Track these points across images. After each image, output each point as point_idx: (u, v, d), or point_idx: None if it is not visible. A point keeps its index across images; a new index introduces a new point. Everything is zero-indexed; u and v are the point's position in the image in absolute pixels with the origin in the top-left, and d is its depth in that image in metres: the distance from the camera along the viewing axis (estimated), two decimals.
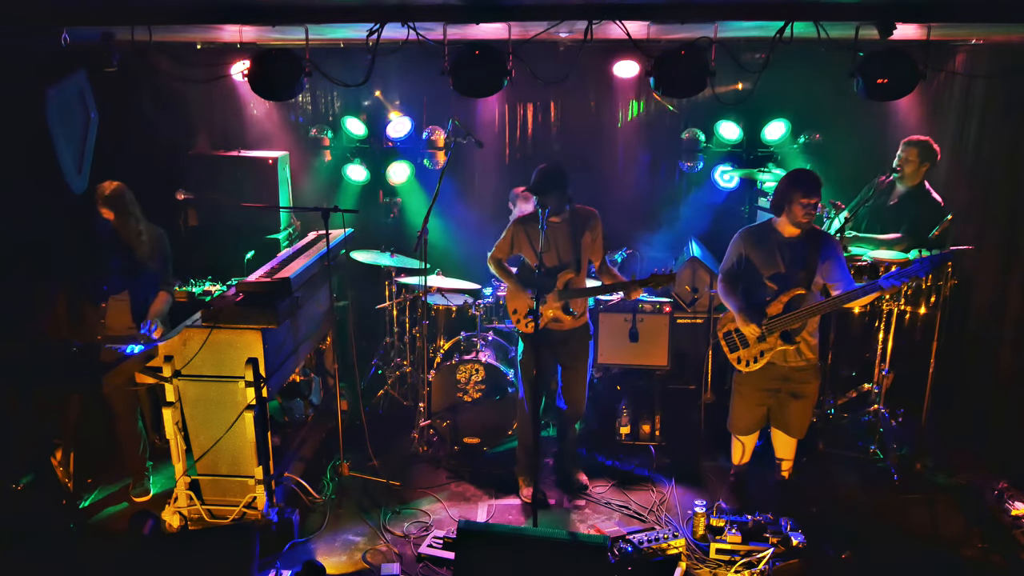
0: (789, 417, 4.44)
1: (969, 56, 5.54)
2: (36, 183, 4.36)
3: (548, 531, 3.92)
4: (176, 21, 4.08)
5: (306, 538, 4.35)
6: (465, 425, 5.30)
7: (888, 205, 5.29)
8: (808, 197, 4.07)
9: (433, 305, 5.84)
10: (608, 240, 4.63)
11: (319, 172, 6.75)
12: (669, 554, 4.09)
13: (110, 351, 4.13)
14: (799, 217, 4.12)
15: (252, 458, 4.18)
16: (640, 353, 5.60)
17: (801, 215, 4.11)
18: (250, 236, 5.75)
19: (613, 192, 6.54)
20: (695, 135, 6.42)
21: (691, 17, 3.90)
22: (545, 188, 4.30)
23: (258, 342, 4.04)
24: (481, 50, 4.01)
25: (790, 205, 4.13)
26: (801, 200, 4.08)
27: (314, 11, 4.10)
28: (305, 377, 5.52)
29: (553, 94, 6.40)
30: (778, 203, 4.21)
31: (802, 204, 4.08)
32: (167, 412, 4.12)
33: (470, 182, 6.71)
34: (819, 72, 5.85)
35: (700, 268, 5.83)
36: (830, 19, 3.81)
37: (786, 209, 4.16)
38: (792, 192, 4.12)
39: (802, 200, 4.08)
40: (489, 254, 4.70)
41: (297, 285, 4.39)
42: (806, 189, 4.08)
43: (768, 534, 4.14)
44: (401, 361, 6.06)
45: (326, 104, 6.80)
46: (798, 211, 4.11)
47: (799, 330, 4.23)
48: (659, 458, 5.23)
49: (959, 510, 4.58)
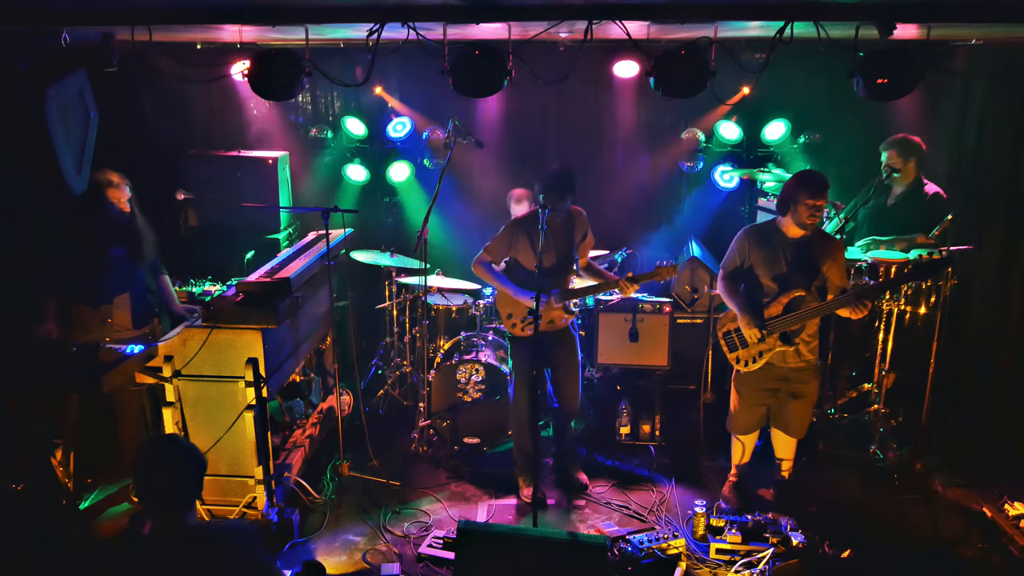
0: (789, 417, 4.45)
1: (969, 56, 5.54)
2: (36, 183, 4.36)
3: (548, 531, 3.92)
4: (176, 21, 4.08)
5: (306, 538, 4.35)
6: (465, 425, 5.30)
7: (887, 206, 5.29)
8: (814, 198, 4.07)
9: (433, 305, 5.84)
10: (601, 239, 4.64)
11: (319, 172, 6.74)
12: (669, 554, 4.09)
13: (110, 351, 4.13)
14: (804, 218, 4.12)
15: (252, 458, 4.18)
16: (640, 353, 5.59)
17: (806, 216, 4.11)
18: (250, 236, 5.75)
19: (613, 192, 6.53)
20: (695, 135, 6.42)
21: (691, 17, 3.90)
22: (562, 190, 4.31)
23: (258, 342, 4.04)
24: (481, 50, 4.01)
25: (796, 205, 4.13)
26: (807, 201, 4.08)
27: (314, 11, 4.10)
28: (305, 377, 5.52)
29: (553, 94, 6.40)
30: (784, 202, 4.21)
31: (807, 205, 4.08)
32: (167, 412, 4.13)
33: (470, 182, 6.70)
34: (819, 72, 5.86)
35: (700, 268, 5.83)
36: (830, 19, 3.81)
37: (791, 209, 4.16)
38: (799, 192, 4.12)
39: (808, 201, 4.08)
40: (476, 258, 4.63)
41: (297, 285, 4.39)
42: (812, 190, 4.08)
43: (768, 534, 4.14)
44: (401, 361, 6.06)
45: (326, 104, 6.79)
46: (803, 212, 4.11)
47: (798, 331, 4.23)
48: (659, 458, 5.23)
49: (959, 510, 4.58)
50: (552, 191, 4.30)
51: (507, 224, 4.66)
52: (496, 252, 4.63)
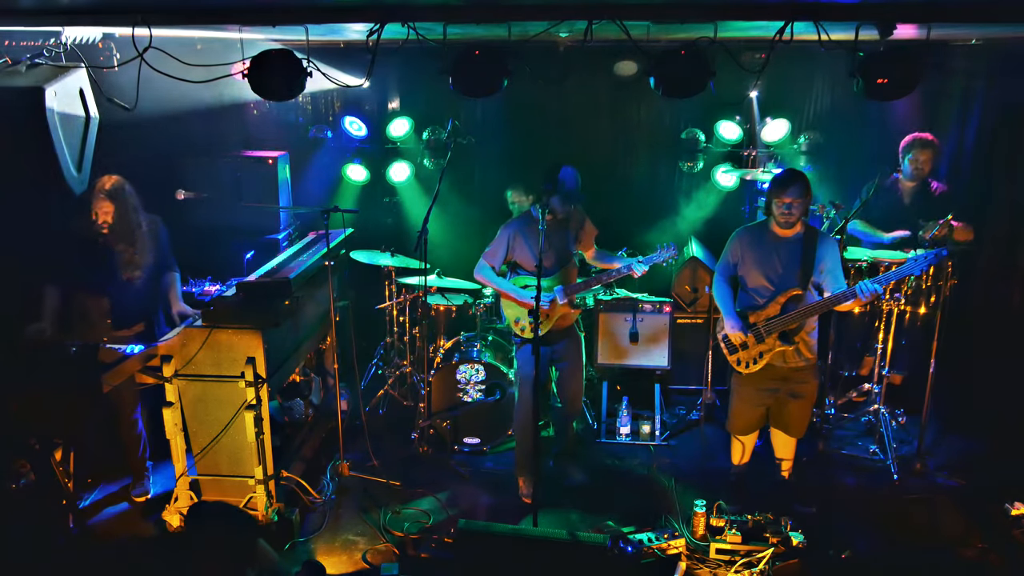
0: (788, 417, 4.44)
1: (969, 56, 5.54)
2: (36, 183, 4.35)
3: (548, 531, 3.92)
4: (176, 21, 4.08)
5: (306, 538, 4.35)
6: (465, 425, 5.30)
7: (903, 204, 5.29)
8: (780, 196, 4.09)
9: (433, 305, 5.84)
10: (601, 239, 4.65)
11: (319, 172, 6.74)
12: (669, 554, 4.09)
13: (110, 351, 4.13)
14: (777, 217, 4.16)
15: (252, 458, 4.18)
16: (640, 353, 5.60)
17: (779, 214, 4.15)
18: (250, 236, 5.75)
19: (613, 192, 6.53)
20: (695, 135, 6.42)
21: (691, 17, 3.90)
22: (562, 191, 4.31)
23: (258, 342, 4.04)
24: (481, 50, 4.01)
25: (770, 206, 4.18)
26: (775, 200, 4.13)
27: (314, 11, 4.10)
28: (305, 377, 5.52)
29: (553, 94, 6.39)
30: (766, 205, 4.25)
31: (777, 204, 4.13)
32: (167, 412, 4.13)
33: (470, 182, 6.71)
34: (819, 72, 5.86)
35: (700, 268, 5.84)
36: (830, 19, 3.81)
37: (771, 210, 4.20)
38: (770, 194, 4.18)
39: (776, 199, 4.12)
40: (476, 266, 4.65)
41: (297, 285, 4.39)
42: (779, 189, 4.11)
43: (768, 534, 4.14)
44: (401, 361, 6.06)
45: (326, 104, 6.80)
46: (776, 211, 4.16)
47: (797, 330, 4.23)
48: (659, 458, 5.23)
49: (959, 510, 4.58)
50: (559, 194, 4.30)
51: (502, 227, 4.66)
52: (494, 256, 4.63)
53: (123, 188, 4.47)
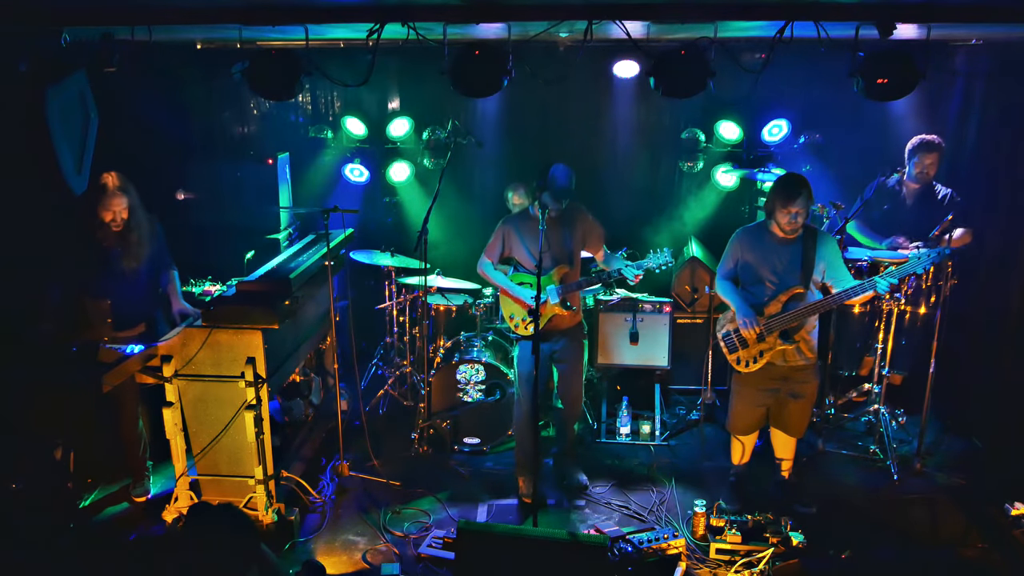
0: (788, 417, 4.45)
1: (969, 56, 5.54)
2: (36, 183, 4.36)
3: (548, 531, 3.92)
4: (176, 21, 4.08)
5: (306, 538, 4.35)
6: (465, 425, 5.30)
7: (906, 206, 5.28)
8: (787, 206, 4.07)
9: (433, 305, 5.84)
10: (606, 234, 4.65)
11: (319, 172, 6.74)
12: (669, 554, 4.09)
13: (110, 351, 4.13)
14: (784, 225, 4.14)
15: (252, 458, 4.18)
16: (640, 353, 5.60)
17: (785, 223, 4.13)
18: (250, 236, 5.74)
19: (613, 192, 6.52)
20: (695, 135, 6.42)
21: (691, 17, 3.90)
22: (559, 190, 4.31)
23: (258, 342, 4.03)
24: (481, 50, 4.01)
25: (775, 214, 4.16)
26: (782, 209, 4.10)
27: (314, 11, 4.10)
28: (305, 377, 5.52)
29: (553, 94, 6.39)
30: (767, 209, 4.24)
31: (783, 213, 4.10)
32: (167, 412, 4.12)
33: (470, 182, 6.71)
34: (819, 72, 5.85)
35: (700, 268, 5.84)
36: (830, 19, 3.81)
37: (774, 218, 4.18)
38: (774, 202, 4.15)
39: (782, 209, 4.10)
40: (480, 261, 4.70)
41: (297, 285, 4.39)
42: (785, 198, 4.08)
43: (768, 534, 4.14)
44: (401, 361, 6.06)
45: (326, 104, 6.79)
46: (782, 220, 4.13)
47: (797, 328, 4.23)
48: (659, 458, 5.23)
49: (959, 510, 4.58)
50: (548, 191, 4.30)
51: (499, 223, 4.69)
52: (492, 252, 4.67)
53: (126, 180, 4.47)
